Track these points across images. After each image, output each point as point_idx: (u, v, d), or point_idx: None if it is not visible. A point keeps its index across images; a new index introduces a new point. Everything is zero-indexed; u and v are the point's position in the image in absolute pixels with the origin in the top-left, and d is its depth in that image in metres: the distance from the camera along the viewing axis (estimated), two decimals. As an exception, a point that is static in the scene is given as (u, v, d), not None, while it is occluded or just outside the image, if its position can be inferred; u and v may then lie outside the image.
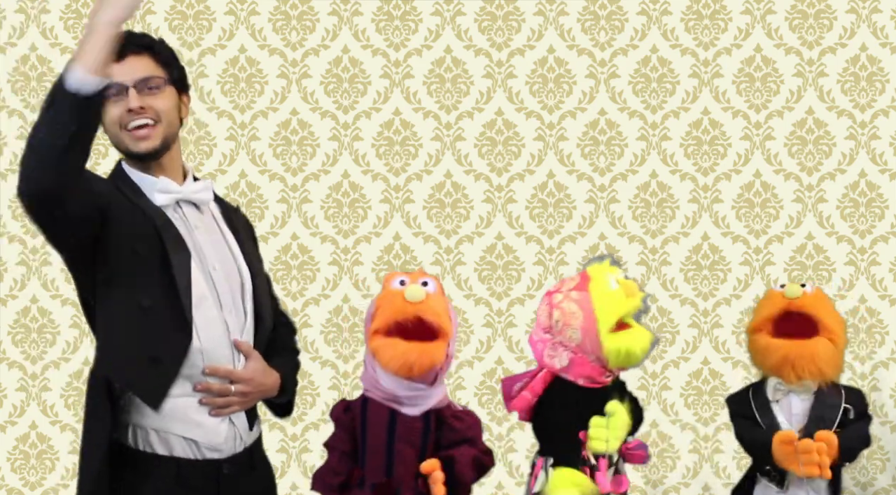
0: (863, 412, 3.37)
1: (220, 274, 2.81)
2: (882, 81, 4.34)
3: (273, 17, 4.34)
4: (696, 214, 4.36)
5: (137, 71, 2.81)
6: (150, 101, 2.81)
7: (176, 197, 2.83)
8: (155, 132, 2.82)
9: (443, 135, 4.36)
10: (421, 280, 2.82)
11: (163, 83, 2.83)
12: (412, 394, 2.79)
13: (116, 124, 2.81)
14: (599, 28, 4.36)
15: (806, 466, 3.18)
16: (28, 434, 4.31)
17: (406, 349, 2.76)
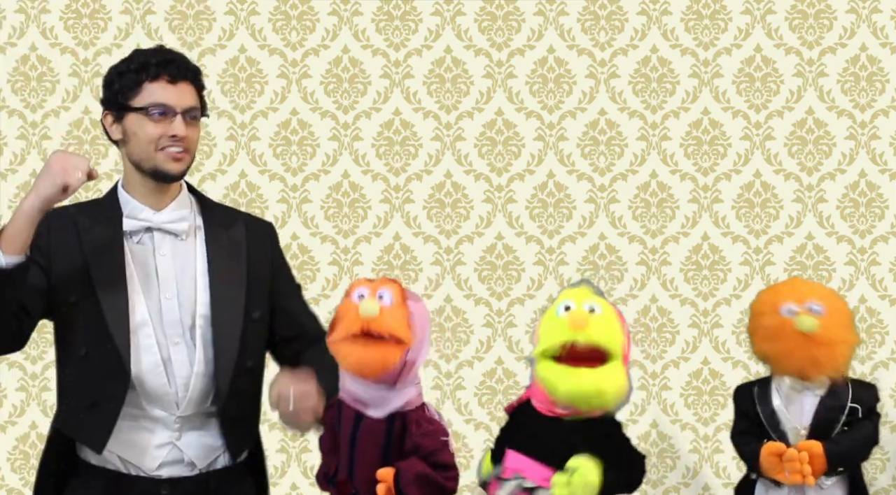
0: (871, 409, 3.34)
1: (174, 303, 2.82)
2: (882, 81, 4.34)
3: (273, 17, 4.34)
4: (696, 214, 4.36)
5: (187, 99, 2.86)
6: (189, 131, 2.85)
7: (143, 225, 2.86)
8: (186, 159, 2.86)
9: (443, 135, 4.36)
10: (379, 292, 2.80)
11: (199, 115, 2.89)
12: (374, 396, 2.80)
13: (152, 144, 2.83)
14: (599, 28, 4.36)
15: (791, 474, 3.18)
16: (28, 434, 4.31)
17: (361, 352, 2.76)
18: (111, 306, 2.76)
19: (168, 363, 2.79)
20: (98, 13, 4.31)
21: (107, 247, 2.82)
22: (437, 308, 4.36)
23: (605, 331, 2.78)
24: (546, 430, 2.83)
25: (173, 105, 2.82)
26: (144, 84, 2.82)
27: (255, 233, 3.04)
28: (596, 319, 2.78)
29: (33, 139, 4.31)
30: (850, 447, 3.25)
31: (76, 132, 4.29)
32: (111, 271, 2.79)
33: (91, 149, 4.30)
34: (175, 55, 2.91)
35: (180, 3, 4.32)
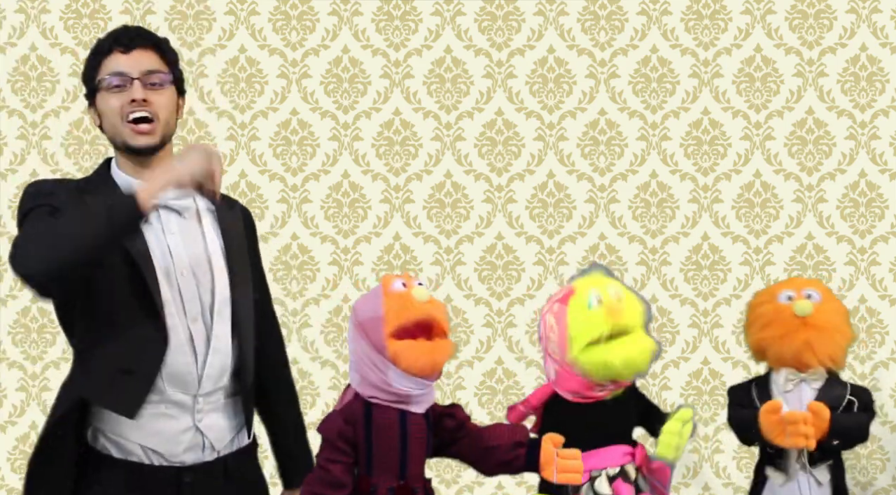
0: (867, 405, 3.38)
1: (189, 281, 2.79)
2: (882, 81, 4.34)
3: (273, 17, 4.34)
4: (696, 214, 4.36)
5: (143, 64, 2.81)
6: (153, 96, 2.80)
7: None
8: (154, 128, 2.80)
9: (443, 135, 4.36)
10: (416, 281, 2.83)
11: (166, 81, 2.83)
12: (424, 392, 2.80)
13: (117, 115, 2.80)
14: (599, 28, 4.36)
15: (792, 437, 3.19)
16: (28, 434, 4.31)
17: (428, 349, 2.76)
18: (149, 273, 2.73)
19: (189, 341, 2.78)
20: (98, 13, 4.31)
21: None
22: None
23: (633, 312, 2.91)
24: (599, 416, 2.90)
25: (128, 71, 2.78)
26: (102, 60, 2.81)
27: (247, 218, 3.02)
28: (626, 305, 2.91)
29: (33, 139, 4.31)
30: (852, 426, 3.29)
31: (76, 132, 4.29)
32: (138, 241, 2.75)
33: (91, 149, 4.31)
34: (128, 27, 2.88)
35: (180, 3, 4.32)
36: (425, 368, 2.76)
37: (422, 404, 2.80)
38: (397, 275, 2.88)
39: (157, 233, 2.80)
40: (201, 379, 2.80)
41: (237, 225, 2.94)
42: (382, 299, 2.79)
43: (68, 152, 4.31)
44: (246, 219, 3.01)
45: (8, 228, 4.29)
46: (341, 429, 2.78)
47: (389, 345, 2.75)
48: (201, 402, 2.80)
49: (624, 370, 2.87)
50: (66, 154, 4.31)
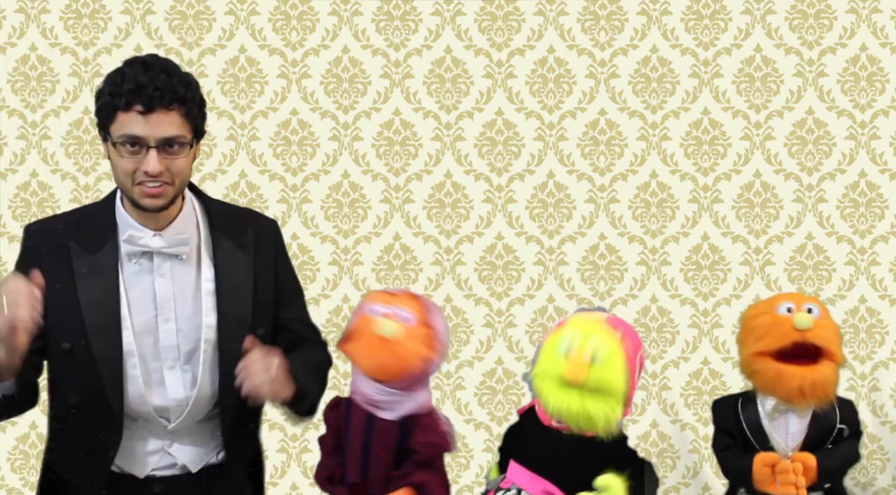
0: (855, 429, 3.31)
1: (171, 326, 2.71)
2: (882, 81, 4.34)
3: (273, 17, 4.34)
4: (696, 214, 4.36)
5: (163, 129, 2.60)
6: (169, 162, 2.62)
7: (142, 250, 2.72)
8: (166, 192, 2.66)
9: (443, 135, 4.36)
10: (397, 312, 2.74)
11: (186, 144, 2.64)
12: (388, 399, 2.77)
13: (129, 177, 2.64)
14: (599, 28, 4.36)
15: (783, 486, 3.15)
16: (28, 434, 4.31)
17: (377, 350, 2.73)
18: (104, 355, 2.66)
19: (158, 387, 2.71)
20: (98, 13, 4.31)
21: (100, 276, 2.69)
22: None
23: (603, 382, 2.70)
24: (547, 443, 2.80)
25: (145, 137, 2.58)
26: (118, 113, 2.61)
27: (262, 236, 2.86)
28: (595, 371, 2.70)
29: (33, 139, 4.31)
30: (840, 464, 3.21)
31: (76, 132, 4.29)
32: (104, 309, 2.67)
33: (91, 149, 4.30)
34: (153, 78, 2.60)
35: (180, 3, 4.32)
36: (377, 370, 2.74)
37: (392, 411, 2.78)
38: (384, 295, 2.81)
39: (146, 277, 2.72)
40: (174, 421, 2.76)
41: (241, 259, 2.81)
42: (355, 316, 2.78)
43: (68, 152, 4.31)
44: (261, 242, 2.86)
45: (8, 228, 4.29)
46: (326, 414, 2.84)
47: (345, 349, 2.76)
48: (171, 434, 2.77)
49: (558, 416, 2.72)
50: (66, 154, 4.31)
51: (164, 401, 2.74)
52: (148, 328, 2.72)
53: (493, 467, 2.99)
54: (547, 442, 2.79)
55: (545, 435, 2.80)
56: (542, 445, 2.80)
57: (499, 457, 2.97)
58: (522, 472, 2.81)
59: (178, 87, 2.62)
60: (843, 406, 3.30)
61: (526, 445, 2.85)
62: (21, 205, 4.30)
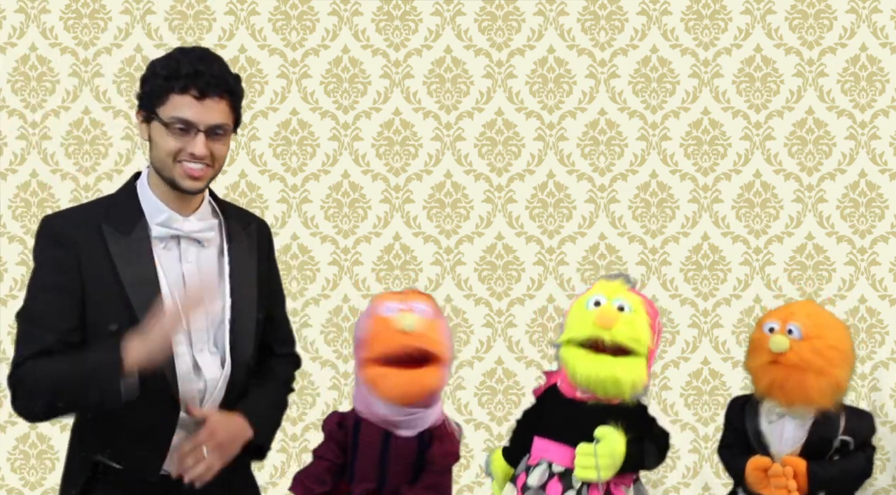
0: (864, 442, 3.24)
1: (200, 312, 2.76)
2: (882, 81, 4.34)
3: (273, 17, 4.34)
4: (696, 214, 4.36)
5: (213, 116, 2.73)
6: (214, 147, 2.75)
7: (171, 233, 2.78)
8: (206, 174, 2.76)
9: (443, 135, 4.36)
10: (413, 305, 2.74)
11: (230, 130, 2.79)
12: (408, 419, 2.74)
13: (171, 156, 2.73)
14: (599, 28, 4.36)
15: (776, 490, 3.13)
16: (28, 434, 4.31)
17: (404, 380, 2.68)
18: None
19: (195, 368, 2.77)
20: (98, 13, 4.31)
21: (136, 257, 2.74)
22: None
23: (631, 331, 2.80)
24: (571, 414, 2.85)
25: (196, 122, 2.71)
26: (171, 95, 2.72)
27: (261, 231, 2.99)
28: (624, 318, 2.81)
29: (33, 139, 4.31)
30: (836, 475, 3.12)
31: (76, 132, 4.29)
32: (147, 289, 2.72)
33: (91, 149, 4.30)
34: (209, 66, 2.74)
35: (180, 3, 4.32)
36: (397, 398, 2.70)
37: (411, 428, 2.75)
38: (394, 294, 2.81)
39: (174, 261, 2.79)
40: (206, 403, 2.81)
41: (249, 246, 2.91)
42: (369, 321, 2.74)
43: (68, 152, 4.31)
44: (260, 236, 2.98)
45: (8, 228, 4.29)
46: (333, 430, 2.80)
47: (368, 370, 2.71)
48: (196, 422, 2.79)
49: (587, 384, 2.79)
50: (66, 154, 4.31)
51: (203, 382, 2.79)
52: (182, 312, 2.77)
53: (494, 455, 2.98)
54: (571, 414, 2.84)
55: (569, 408, 2.85)
56: (567, 418, 2.85)
57: (510, 444, 2.97)
58: (549, 445, 2.83)
59: (229, 78, 2.77)
60: (852, 417, 3.22)
61: (549, 421, 2.88)
62: (21, 205, 4.30)
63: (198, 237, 2.80)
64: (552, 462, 2.84)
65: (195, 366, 2.77)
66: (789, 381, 3.10)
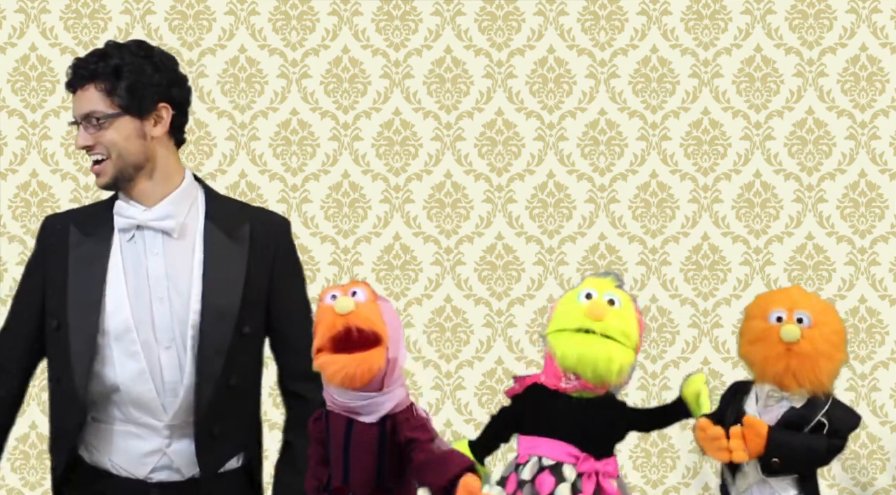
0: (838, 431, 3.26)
1: (166, 305, 2.73)
2: (882, 81, 4.34)
3: (273, 17, 4.34)
4: (696, 214, 4.36)
5: (84, 105, 2.74)
6: (98, 136, 2.74)
7: (133, 223, 2.76)
8: (105, 168, 2.74)
9: (443, 135, 4.36)
10: (351, 290, 2.77)
11: (112, 116, 2.73)
12: (365, 404, 2.77)
13: None
14: (599, 28, 4.36)
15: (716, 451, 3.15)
16: (28, 434, 4.31)
17: (345, 362, 2.72)
18: (78, 331, 2.71)
19: (155, 369, 2.72)
20: (98, 13, 4.31)
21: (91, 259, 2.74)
22: (437, 308, 4.37)
23: (621, 325, 2.83)
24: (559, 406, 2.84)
25: (75, 116, 2.77)
26: None
27: (261, 234, 2.83)
28: (614, 312, 2.83)
29: (33, 139, 4.31)
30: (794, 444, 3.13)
31: (76, 132, 4.29)
32: (88, 289, 2.72)
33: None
34: (82, 59, 2.77)
35: (180, 3, 4.32)
36: (342, 381, 2.72)
37: (372, 414, 2.78)
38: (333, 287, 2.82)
39: (139, 254, 2.76)
40: (168, 408, 2.75)
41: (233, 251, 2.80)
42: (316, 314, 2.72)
43: (68, 152, 4.31)
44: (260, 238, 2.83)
45: (8, 228, 4.29)
46: (311, 428, 2.81)
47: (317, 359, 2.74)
48: (170, 430, 2.76)
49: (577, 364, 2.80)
50: (66, 154, 4.31)
51: (160, 383, 2.74)
52: (145, 306, 2.73)
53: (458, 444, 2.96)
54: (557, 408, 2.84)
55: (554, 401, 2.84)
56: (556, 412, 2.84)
57: (479, 438, 2.96)
58: (538, 441, 2.84)
59: (91, 65, 2.73)
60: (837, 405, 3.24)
61: (535, 418, 2.87)
62: (21, 205, 4.30)
63: (157, 226, 2.75)
64: (542, 456, 2.85)
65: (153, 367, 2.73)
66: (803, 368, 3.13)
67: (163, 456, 2.77)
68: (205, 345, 2.73)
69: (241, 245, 2.80)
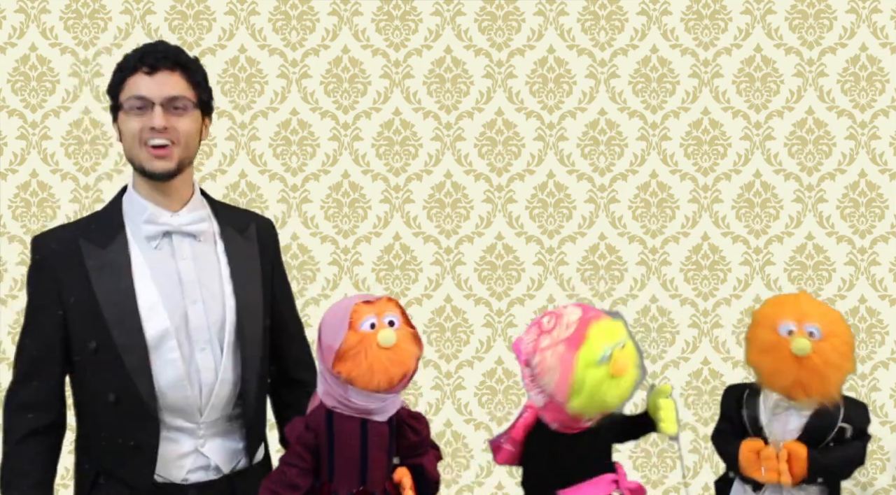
0: (861, 431, 3.26)
1: (199, 307, 2.75)
2: (882, 81, 4.34)
3: (273, 17, 4.34)
4: (696, 214, 4.36)
5: (167, 88, 2.72)
6: (175, 121, 2.72)
7: (163, 230, 2.76)
8: (173, 153, 2.73)
9: (443, 135, 4.36)
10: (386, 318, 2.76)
11: (190, 105, 2.75)
12: (384, 404, 2.77)
13: (136, 138, 2.72)
14: (599, 28, 4.36)
15: (768, 472, 3.14)
16: (28, 434, 4.31)
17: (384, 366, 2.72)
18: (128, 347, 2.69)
19: (192, 372, 2.74)
20: (98, 13, 4.31)
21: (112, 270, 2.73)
22: (437, 308, 4.37)
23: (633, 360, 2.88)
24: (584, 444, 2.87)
25: (150, 96, 2.70)
26: (126, 80, 2.73)
27: (264, 234, 2.95)
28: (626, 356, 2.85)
29: (33, 139, 4.31)
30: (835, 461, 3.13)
31: (76, 132, 4.29)
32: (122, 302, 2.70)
33: (91, 149, 4.31)
34: (157, 45, 2.77)
35: (180, 3, 4.32)
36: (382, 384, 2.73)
37: (385, 412, 2.78)
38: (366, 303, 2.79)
39: (168, 259, 2.76)
40: (204, 409, 2.78)
41: (248, 248, 2.88)
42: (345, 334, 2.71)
43: (68, 152, 4.31)
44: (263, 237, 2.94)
45: (8, 228, 4.29)
46: (301, 435, 2.77)
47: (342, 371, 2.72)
48: (204, 429, 2.78)
49: (618, 404, 2.85)
50: (66, 154, 4.31)
51: (197, 386, 2.75)
52: (179, 311, 2.74)
53: None
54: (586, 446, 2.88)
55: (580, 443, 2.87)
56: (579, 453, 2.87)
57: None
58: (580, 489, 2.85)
59: (180, 54, 2.77)
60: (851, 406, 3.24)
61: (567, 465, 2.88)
62: (21, 205, 4.30)
63: (189, 230, 2.77)
64: None
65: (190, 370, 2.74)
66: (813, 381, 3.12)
67: (198, 457, 2.78)
68: (244, 341, 2.78)
69: (252, 243, 2.88)
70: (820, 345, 3.11)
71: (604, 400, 2.82)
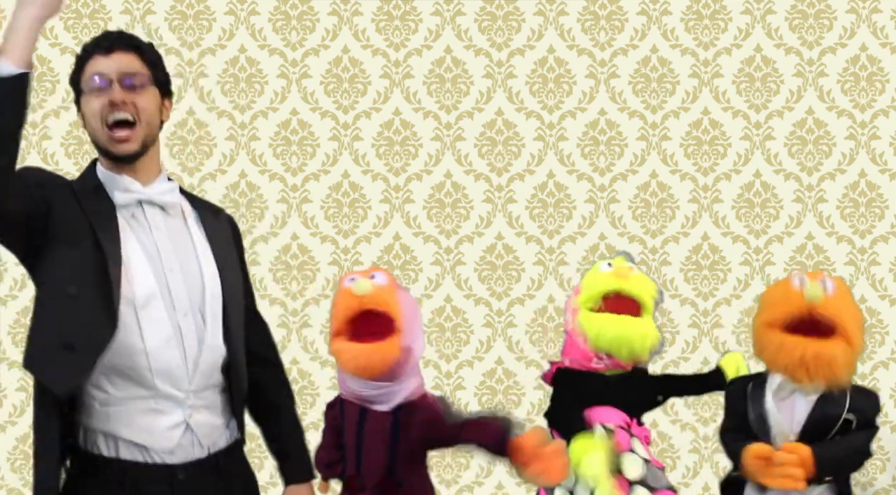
0: (869, 421, 3.19)
1: (178, 276, 2.78)
2: (882, 81, 4.34)
3: (273, 17, 4.34)
4: (696, 214, 4.36)
5: (123, 65, 2.80)
6: (133, 97, 2.79)
7: (136, 197, 2.81)
8: (134, 134, 2.79)
9: (443, 135, 4.36)
10: (370, 274, 2.85)
11: (147, 82, 2.82)
12: (378, 393, 2.81)
13: (98, 118, 2.79)
14: (599, 28, 4.36)
15: (779, 479, 3.08)
16: (28, 434, 4.31)
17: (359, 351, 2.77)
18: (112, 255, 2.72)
19: (178, 336, 2.77)
20: (98, 13, 4.31)
21: (106, 213, 2.79)
22: (437, 308, 4.37)
23: (642, 285, 3.09)
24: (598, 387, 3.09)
25: (108, 72, 2.78)
26: (84, 65, 2.81)
27: (235, 227, 3.03)
28: (636, 275, 3.11)
29: (33, 139, 4.32)
30: (840, 455, 3.08)
31: (76, 132, 4.29)
32: (114, 234, 2.75)
33: (91, 149, 4.30)
34: (110, 32, 2.88)
35: (180, 3, 4.32)
36: (355, 370, 2.76)
37: (385, 403, 2.81)
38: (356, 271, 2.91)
39: (144, 229, 2.81)
40: (192, 375, 2.79)
41: (224, 231, 2.94)
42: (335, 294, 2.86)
43: (68, 152, 4.31)
44: (233, 229, 3.02)
45: (8, 228, 4.29)
46: (327, 413, 2.93)
47: (333, 344, 2.80)
48: (192, 398, 2.80)
49: (613, 343, 2.98)
50: (66, 154, 4.31)
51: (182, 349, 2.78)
52: (160, 276, 2.79)
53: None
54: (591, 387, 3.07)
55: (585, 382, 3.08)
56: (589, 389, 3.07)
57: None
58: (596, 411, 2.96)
59: (134, 38, 2.85)
60: (858, 395, 3.13)
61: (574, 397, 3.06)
62: (21, 205, 4.30)
63: (159, 201, 2.82)
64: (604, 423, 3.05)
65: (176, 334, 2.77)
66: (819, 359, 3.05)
67: (186, 430, 2.79)
68: (230, 315, 2.82)
69: (225, 227, 2.95)
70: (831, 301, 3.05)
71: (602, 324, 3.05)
